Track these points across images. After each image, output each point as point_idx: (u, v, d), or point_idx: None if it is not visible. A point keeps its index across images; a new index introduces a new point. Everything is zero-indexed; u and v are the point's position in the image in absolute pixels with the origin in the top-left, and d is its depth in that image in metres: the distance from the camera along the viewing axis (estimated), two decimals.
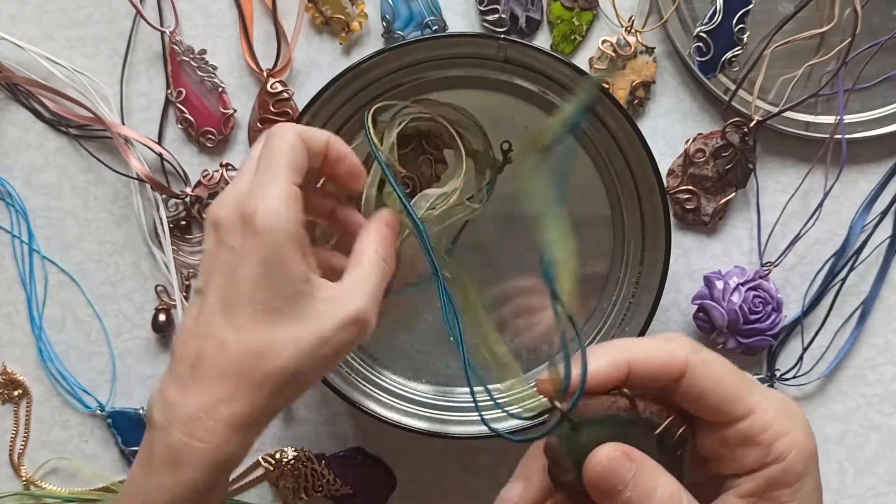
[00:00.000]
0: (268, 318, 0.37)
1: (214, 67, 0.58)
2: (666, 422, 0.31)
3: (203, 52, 0.58)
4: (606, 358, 0.32)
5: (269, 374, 0.37)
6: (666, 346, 0.32)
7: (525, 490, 0.35)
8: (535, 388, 0.33)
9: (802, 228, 0.58)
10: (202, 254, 0.40)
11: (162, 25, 0.58)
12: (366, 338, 0.39)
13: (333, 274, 0.41)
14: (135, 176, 0.58)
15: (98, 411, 0.61)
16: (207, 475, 0.37)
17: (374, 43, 0.59)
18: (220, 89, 0.58)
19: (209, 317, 0.38)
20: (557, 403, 0.31)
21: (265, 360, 0.37)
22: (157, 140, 0.59)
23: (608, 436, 0.31)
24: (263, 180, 0.38)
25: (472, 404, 0.56)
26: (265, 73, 0.58)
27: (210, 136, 0.58)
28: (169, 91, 0.59)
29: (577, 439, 0.31)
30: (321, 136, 0.41)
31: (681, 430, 0.31)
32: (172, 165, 0.59)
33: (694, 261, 0.60)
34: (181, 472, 0.37)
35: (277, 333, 0.37)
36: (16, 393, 0.61)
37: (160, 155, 0.59)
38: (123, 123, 0.59)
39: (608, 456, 0.31)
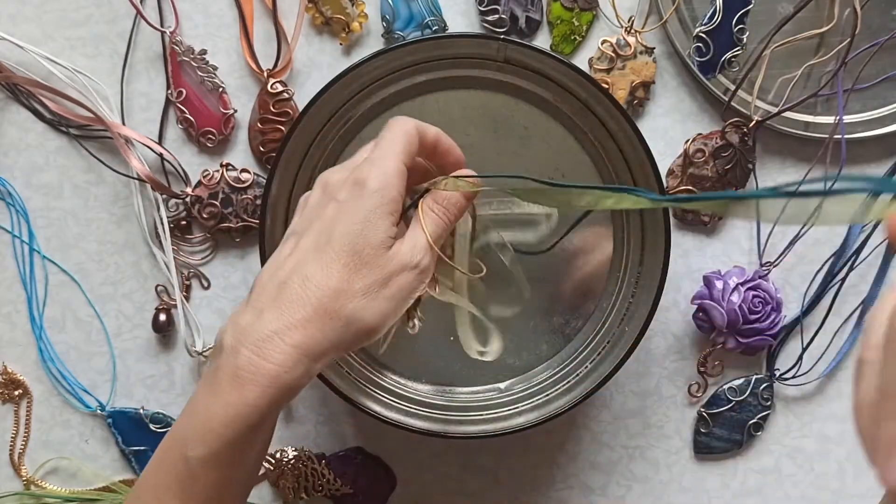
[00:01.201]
0: (351, 264, 0.41)
1: (215, 68, 0.58)
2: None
3: (203, 52, 0.58)
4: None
5: (342, 311, 0.40)
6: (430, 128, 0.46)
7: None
8: None
9: (802, 228, 0.58)
10: (304, 206, 0.45)
11: (162, 25, 0.58)
12: (425, 285, 0.44)
13: None
14: (135, 176, 0.58)
15: (98, 411, 0.61)
16: (271, 396, 0.39)
17: (374, 43, 0.59)
18: (221, 89, 0.58)
19: (301, 256, 0.42)
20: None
21: (342, 299, 0.40)
22: (157, 140, 0.59)
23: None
24: (380, 156, 0.43)
25: (472, 404, 0.56)
26: (265, 74, 0.58)
27: (210, 136, 0.58)
28: (169, 91, 0.59)
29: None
30: (432, 129, 0.46)
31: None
32: (173, 165, 0.59)
33: (693, 261, 0.60)
34: (245, 389, 0.39)
35: (356, 279, 0.41)
36: (16, 393, 0.61)
37: (160, 155, 0.59)
38: (124, 123, 0.59)
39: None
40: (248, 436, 0.40)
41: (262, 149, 0.58)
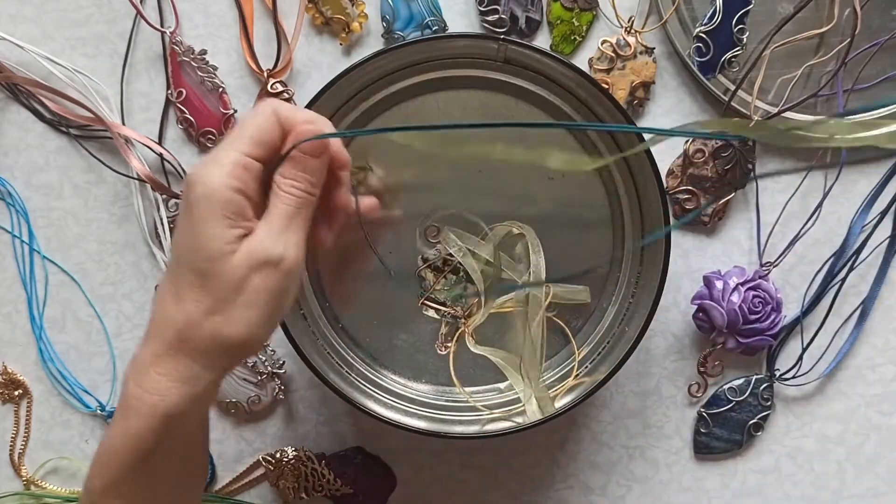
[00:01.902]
0: (197, 283, 0.39)
1: (215, 68, 0.58)
2: None
3: (203, 52, 0.58)
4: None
5: (201, 334, 0.39)
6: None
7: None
8: None
9: (802, 228, 0.58)
10: None
11: (162, 26, 0.58)
12: (293, 277, 0.40)
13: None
14: (135, 176, 0.58)
15: (98, 411, 0.61)
16: (151, 425, 0.39)
17: (374, 43, 0.59)
18: (221, 90, 0.58)
19: (164, 279, 0.41)
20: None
21: (195, 323, 0.39)
22: (157, 140, 0.59)
23: None
24: (215, 153, 0.40)
25: (472, 404, 0.56)
26: (265, 74, 0.58)
27: (210, 136, 0.58)
28: (169, 91, 0.59)
29: None
30: (301, 115, 0.41)
31: None
32: (173, 165, 0.59)
33: (693, 261, 0.60)
34: (129, 420, 0.39)
35: (205, 297, 0.39)
36: (16, 393, 0.61)
37: (160, 155, 0.59)
38: (124, 123, 0.59)
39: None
40: (142, 465, 0.40)
41: None
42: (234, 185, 0.39)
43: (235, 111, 0.59)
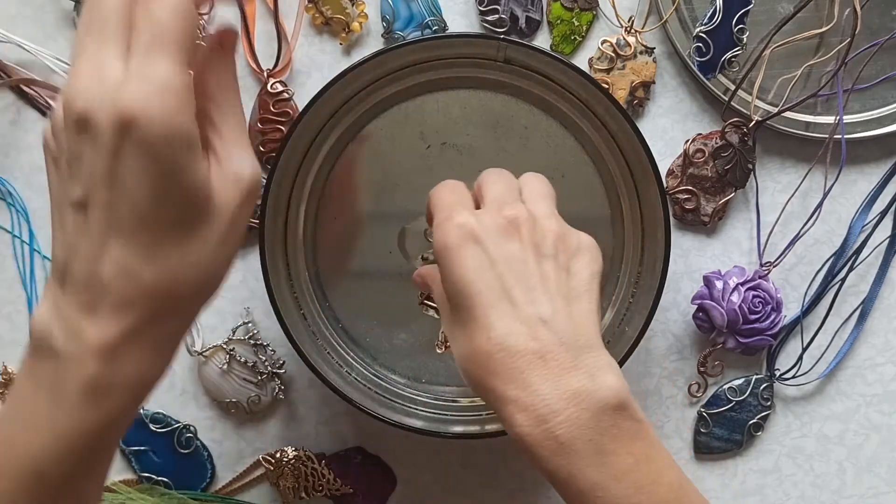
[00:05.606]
0: (175, 235, 0.33)
1: None
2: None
3: None
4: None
5: (187, 295, 0.34)
6: None
7: None
8: None
9: (802, 228, 0.58)
10: (67, 152, 0.32)
11: None
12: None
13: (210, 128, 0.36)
14: None
15: None
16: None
17: (374, 43, 0.59)
18: None
19: (100, 239, 0.32)
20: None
21: (182, 285, 0.34)
22: None
23: None
24: (144, 66, 0.30)
25: (472, 404, 0.56)
26: (265, 74, 0.58)
27: None
28: None
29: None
30: None
31: None
32: None
33: (693, 261, 0.60)
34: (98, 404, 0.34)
35: (189, 250, 0.33)
36: None
37: None
38: None
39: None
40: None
41: (262, 149, 0.58)
42: (193, 115, 0.32)
43: None
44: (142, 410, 0.60)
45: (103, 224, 0.32)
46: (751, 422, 0.60)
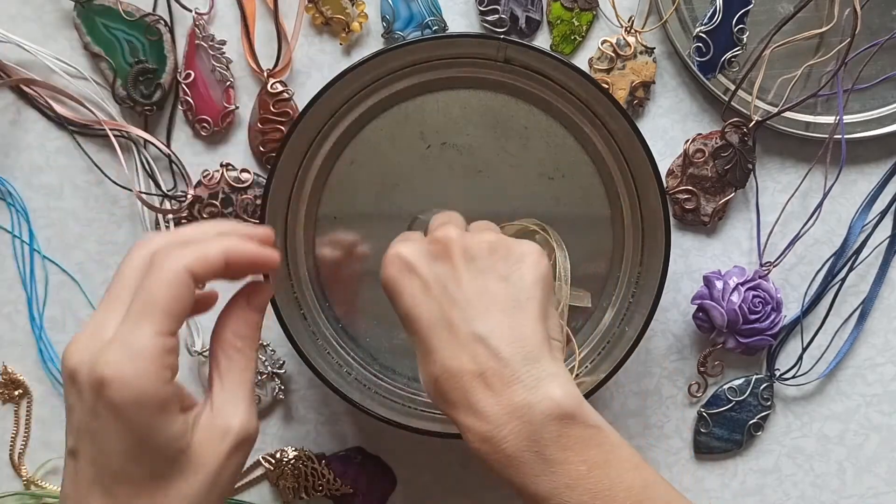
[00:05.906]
0: (151, 489, 0.35)
1: (229, 60, 0.58)
2: None
3: (223, 42, 0.58)
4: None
5: None
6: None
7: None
8: None
9: (802, 228, 0.58)
10: (66, 406, 0.36)
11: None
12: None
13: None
14: (135, 189, 0.58)
15: None
16: None
17: (374, 43, 0.59)
18: (228, 83, 0.58)
19: (86, 489, 0.35)
20: None
21: None
22: (166, 143, 0.59)
23: None
24: (128, 331, 0.33)
25: None
26: (265, 74, 0.58)
27: (205, 124, 0.58)
28: (178, 71, 0.58)
29: None
30: (213, 251, 0.36)
31: None
32: (177, 166, 0.59)
33: (693, 261, 0.60)
34: None
35: (166, 502, 0.35)
36: (16, 393, 0.61)
37: (168, 156, 0.59)
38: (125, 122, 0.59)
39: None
40: None
41: (262, 149, 0.58)
42: (166, 378, 0.33)
43: (237, 107, 0.58)
44: None
45: (88, 475, 0.35)
46: (751, 422, 0.60)
